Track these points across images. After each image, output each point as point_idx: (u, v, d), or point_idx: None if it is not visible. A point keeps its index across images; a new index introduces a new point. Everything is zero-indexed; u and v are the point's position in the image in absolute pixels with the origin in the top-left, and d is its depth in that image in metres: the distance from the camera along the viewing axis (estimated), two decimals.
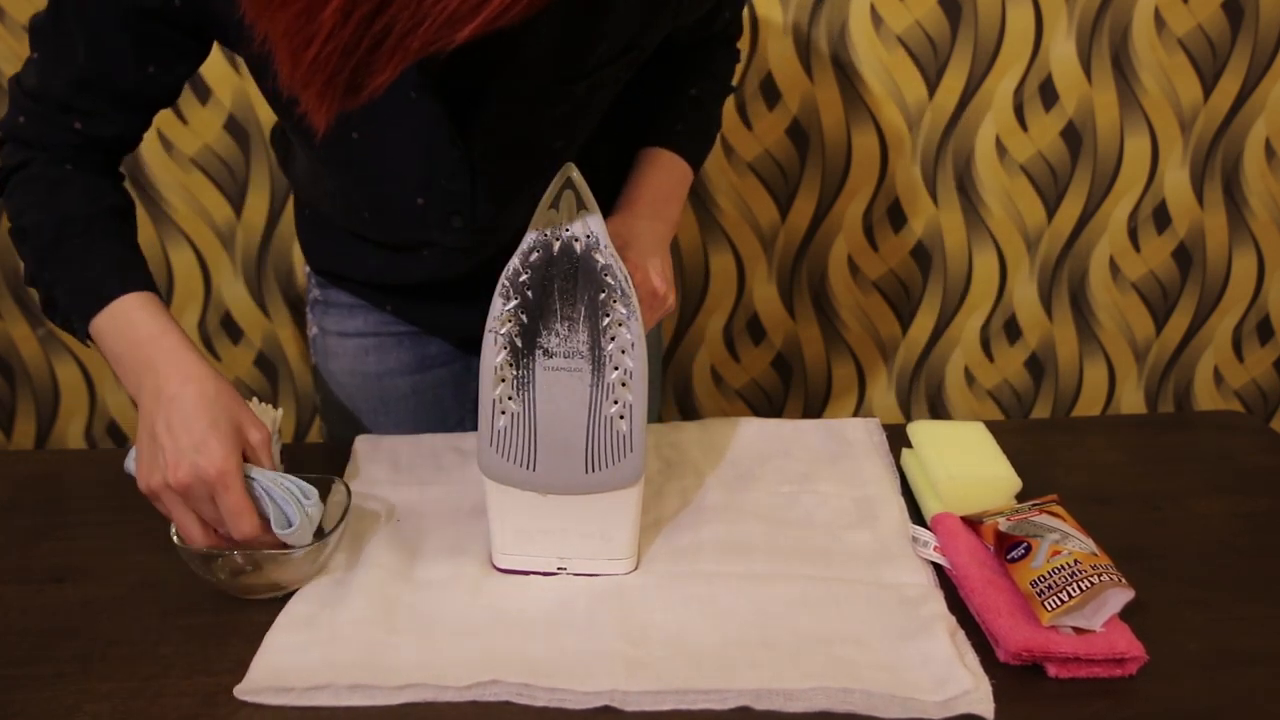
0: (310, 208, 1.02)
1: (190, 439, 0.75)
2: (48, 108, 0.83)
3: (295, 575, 0.82)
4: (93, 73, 0.81)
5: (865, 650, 0.75)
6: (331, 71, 0.56)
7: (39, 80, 0.82)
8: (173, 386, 0.77)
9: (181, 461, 0.75)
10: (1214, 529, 0.93)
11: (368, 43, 0.54)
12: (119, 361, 0.80)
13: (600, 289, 0.76)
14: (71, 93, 0.82)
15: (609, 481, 0.80)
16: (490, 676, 0.72)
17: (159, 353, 0.79)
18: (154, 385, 0.78)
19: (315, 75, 0.57)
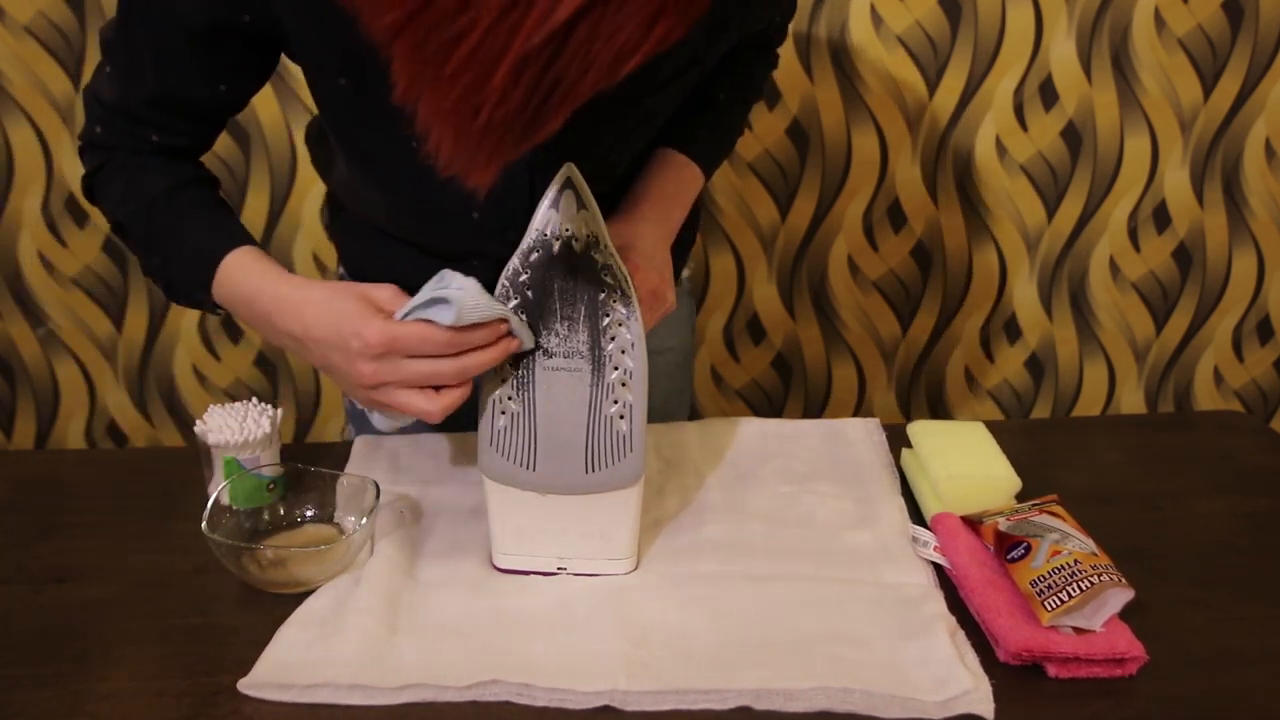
0: (350, 213, 1.01)
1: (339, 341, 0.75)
2: (124, 121, 0.83)
3: (320, 571, 0.82)
4: (163, 91, 0.81)
5: (865, 650, 0.75)
6: (501, 135, 0.55)
7: (112, 94, 0.83)
8: (297, 326, 0.78)
9: (352, 362, 0.75)
10: (1214, 529, 0.93)
11: (538, 98, 0.53)
12: (250, 322, 0.83)
13: (600, 289, 0.76)
14: (145, 109, 0.82)
15: (609, 481, 0.80)
16: (490, 676, 0.72)
17: (267, 304, 0.80)
18: (286, 332, 0.79)
19: (484, 142, 0.56)
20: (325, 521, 0.89)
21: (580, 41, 0.51)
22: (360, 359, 0.74)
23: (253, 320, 0.82)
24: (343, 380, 0.78)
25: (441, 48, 0.52)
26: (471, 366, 0.75)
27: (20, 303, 1.73)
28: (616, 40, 0.52)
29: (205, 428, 0.90)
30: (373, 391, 0.76)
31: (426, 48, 0.53)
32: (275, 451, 0.92)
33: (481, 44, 0.51)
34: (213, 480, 0.90)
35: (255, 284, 0.81)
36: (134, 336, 1.77)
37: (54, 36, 1.54)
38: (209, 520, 0.82)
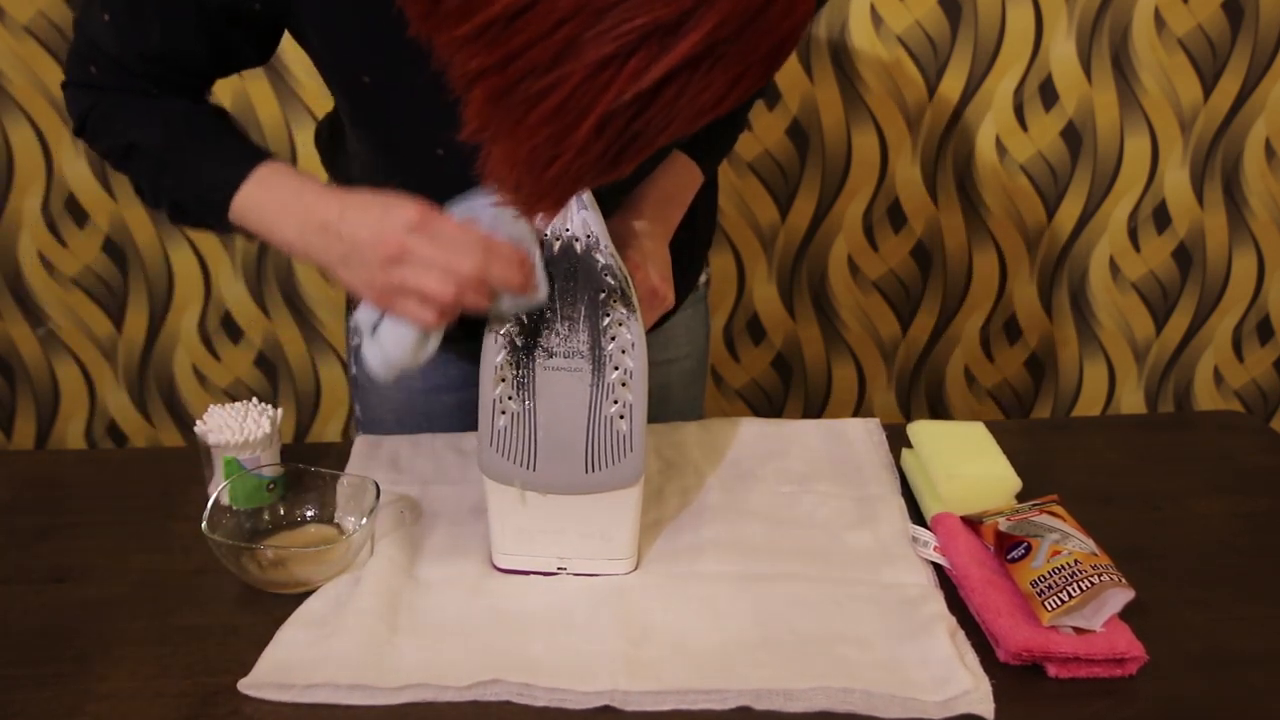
0: None
1: (375, 214, 0.73)
2: (122, 70, 0.81)
3: (321, 571, 0.82)
4: (167, 52, 0.79)
5: (865, 650, 0.75)
6: (574, 183, 0.55)
7: (111, 45, 0.80)
8: (334, 209, 0.75)
9: (383, 231, 0.71)
10: (1214, 529, 0.93)
11: (615, 149, 0.53)
12: (273, 226, 0.78)
13: (600, 289, 0.76)
14: (146, 65, 0.80)
15: (609, 481, 0.80)
16: (491, 676, 0.72)
17: (309, 198, 0.77)
18: (318, 222, 0.75)
19: (556, 188, 0.55)
20: (325, 521, 0.89)
21: (667, 100, 0.51)
22: (392, 229, 0.71)
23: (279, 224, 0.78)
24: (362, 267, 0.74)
25: (526, 100, 0.51)
26: (492, 273, 0.73)
27: (20, 303, 1.73)
28: (701, 99, 0.52)
29: (205, 428, 0.90)
30: (390, 270, 0.72)
31: (510, 97, 0.52)
32: (275, 451, 0.92)
33: (568, 99, 0.50)
34: (213, 480, 0.90)
35: (300, 182, 0.78)
36: (134, 336, 1.77)
37: (54, 36, 1.54)
38: (209, 520, 0.82)
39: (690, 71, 0.50)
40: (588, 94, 0.50)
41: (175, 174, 0.81)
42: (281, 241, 0.79)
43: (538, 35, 0.49)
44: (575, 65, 0.49)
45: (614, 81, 0.50)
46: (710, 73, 0.51)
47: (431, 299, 0.72)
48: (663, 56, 0.49)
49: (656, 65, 0.49)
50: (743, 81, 0.52)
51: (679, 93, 0.51)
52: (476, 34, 0.50)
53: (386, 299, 0.74)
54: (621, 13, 0.48)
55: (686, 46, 0.49)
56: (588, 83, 0.50)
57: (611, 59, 0.49)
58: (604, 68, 0.49)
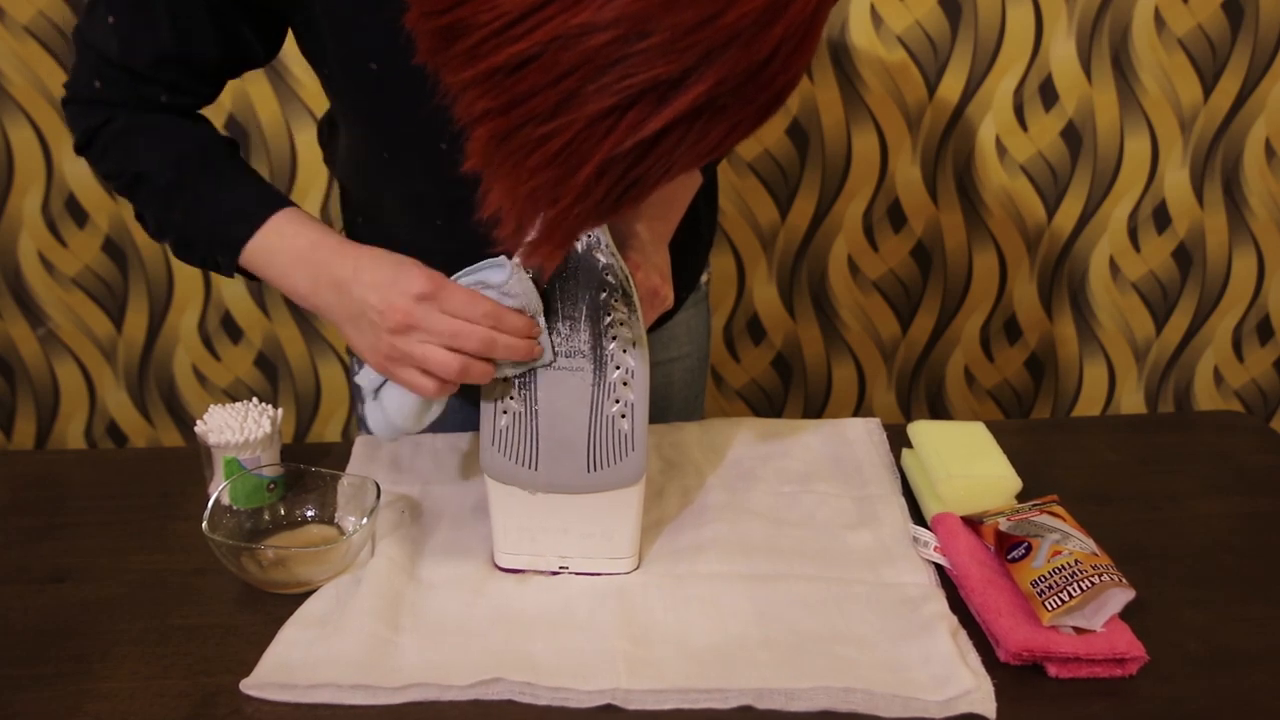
0: (365, 215, 0.99)
1: (386, 279, 0.73)
2: (130, 79, 0.80)
3: (321, 571, 0.82)
4: (176, 51, 0.78)
5: (867, 650, 0.75)
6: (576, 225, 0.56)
7: (120, 51, 0.78)
8: (348, 267, 0.75)
9: (392, 299, 0.72)
10: (1214, 529, 0.93)
11: (615, 193, 0.54)
12: (285, 276, 0.79)
13: (601, 288, 0.76)
14: (155, 69, 0.79)
15: (610, 480, 0.80)
16: (492, 675, 0.72)
17: (325, 253, 0.77)
18: (330, 279, 0.76)
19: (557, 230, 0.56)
20: (326, 522, 0.89)
21: (666, 149, 0.52)
22: (402, 298, 0.72)
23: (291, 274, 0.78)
24: (369, 330, 0.74)
25: (528, 144, 0.52)
26: (499, 344, 0.73)
27: (20, 303, 1.73)
28: (699, 147, 0.52)
29: (205, 428, 0.90)
30: (396, 339, 0.73)
31: (512, 140, 0.52)
32: (275, 451, 0.92)
33: (569, 145, 0.51)
34: (213, 480, 0.90)
35: (318, 235, 0.78)
36: (134, 336, 1.77)
37: (54, 36, 1.54)
38: (209, 520, 0.82)
39: (690, 122, 0.51)
40: (588, 141, 0.51)
41: (186, 211, 0.81)
42: (292, 291, 0.79)
43: (540, 85, 0.50)
44: (576, 115, 0.50)
45: (614, 131, 0.50)
46: (710, 123, 0.51)
47: (434, 371, 0.74)
48: (663, 109, 0.50)
49: (656, 117, 0.50)
50: (739, 128, 0.53)
51: (678, 142, 0.51)
52: (482, 79, 0.51)
53: (390, 366, 0.75)
54: (624, 69, 0.48)
55: (687, 100, 0.49)
56: (588, 131, 0.50)
57: (612, 110, 0.49)
58: (604, 118, 0.50)
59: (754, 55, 0.49)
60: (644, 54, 0.48)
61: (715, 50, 0.48)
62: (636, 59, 0.48)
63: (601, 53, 0.48)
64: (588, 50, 0.48)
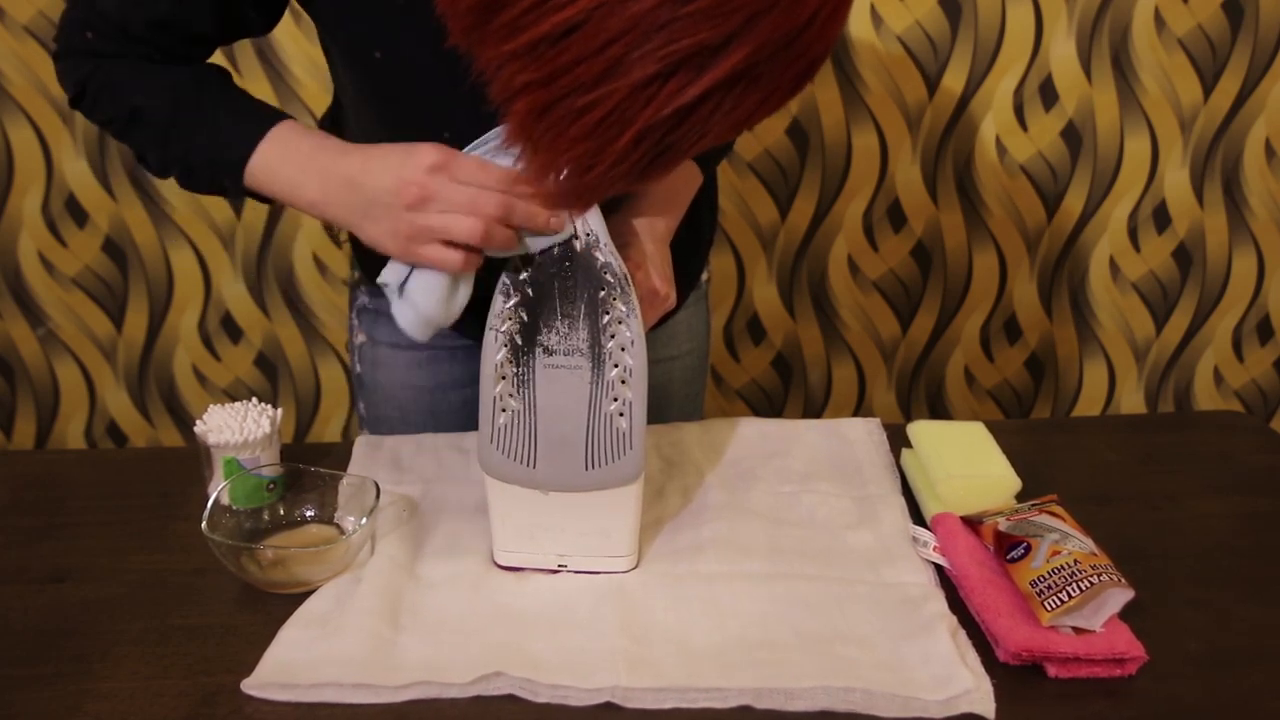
0: None
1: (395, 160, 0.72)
2: (124, 36, 0.79)
3: (321, 571, 0.82)
4: (172, 18, 0.78)
5: (866, 649, 0.75)
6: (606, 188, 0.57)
7: (117, 10, 0.78)
8: (354, 163, 0.74)
9: (403, 176, 0.71)
10: (1214, 529, 0.93)
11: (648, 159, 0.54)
12: (293, 184, 0.77)
13: (600, 287, 0.76)
14: (150, 31, 0.79)
15: (609, 479, 0.80)
16: (494, 670, 0.72)
17: (329, 155, 0.76)
18: (340, 177, 0.75)
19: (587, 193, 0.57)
20: (325, 521, 0.89)
21: (703, 116, 0.52)
22: (415, 172, 0.71)
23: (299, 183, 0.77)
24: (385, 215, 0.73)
25: (569, 114, 0.52)
26: (517, 208, 0.72)
27: (20, 303, 1.73)
28: (734, 115, 0.53)
29: (205, 428, 0.90)
30: (415, 216, 0.72)
31: (553, 112, 0.53)
32: (275, 451, 0.92)
33: (610, 114, 0.52)
34: (213, 480, 0.90)
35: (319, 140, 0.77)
36: (134, 336, 1.77)
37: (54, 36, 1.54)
38: (209, 520, 0.82)
39: (727, 90, 0.51)
40: (629, 110, 0.51)
41: (186, 137, 0.80)
42: (302, 200, 0.78)
43: (585, 54, 0.50)
44: (620, 83, 0.50)
45: (655, 98, 0.51)
46: (746, 91, 0.52)
47: (458, 240, 0.72)
48: (703, 76, 0.50)
49: (697, 84, 0.50)
50: (772, 99, 0.54)
51: (714, 109, 0.52)
52: (524, 51, 0.51)
53: (412, 246, 0.74)
54: (669, 34, 0.49)
55: (727, 66, 0.50)
56: (630, 99, 0.51)
57: (655, 78, 0.50)
58: (647, 86, 0.50)
59: (793, 20, 0.50)
60: (690, 18, 0.48)
61: (758, 14, 0.49)
62: (682, 23, 0.48)
63: (648, 18, 0.48)
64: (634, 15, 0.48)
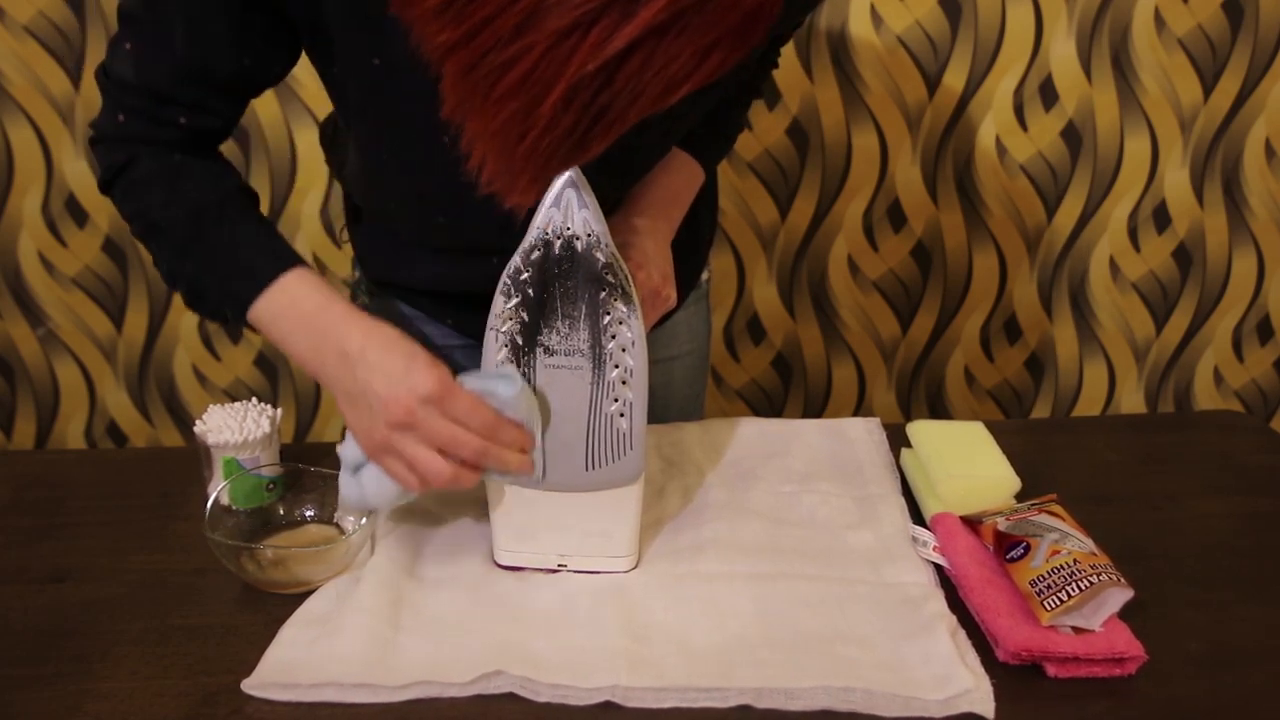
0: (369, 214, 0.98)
1: (395, 370, 0.73)
2: (150, 103, 0.80)
3: (321, 571, 0.82)
4: (193, 62, 0.78)
5: (866, 649, 0.75)
6: (546, 159, 0.56)
7: (137, 73, 0.79)
8: (356, 341, 0.75)
9: (397, 393, 0.72)
10: (1214, 529, 0.93)
11: (584, 124, 0.54)
12: (290, 339, 0.78)
13: (601, 287, 0.76)
14: (173, 85, 0.79)
15: (609, 479, 0.80)
16: (494, 668, 0.72)
17: (331, 319, 0.77)
18: (336, 348, 0.75)
19: (529, 165, 0.56)
20: (325, 522, 0.89)
21: (632, 71, 0.51)
22: (408, 395, 0.72)
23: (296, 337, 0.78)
24: (366, 414, 0.75)
25: (492, 71, 0.52)
26: (493, 456, 0.74)
27: (20, 303, 1.73)
28: (669, 71, 0.52)
29: (205, 428, 0.90)
30: (392, 434, 0.73)
31: (477, 71, 0.53)
32: (275, 451, 0.92)
33: (533, 70, 0.51)
34: (213, 480, 0.90)
35: (325, 299, 0.78)
36: (134, 336, 1.77)
37: (54, 36, 1.54)
38: (209, 520, 0.82)
39: (655, 40, 0.50)
40: (552, 64, 0.51)
41: (198, 264, 0.81)
42: (295, 355, 0.79)
43: (500, 7, 0.50)
44: (538, 35, 0.50)
45: (577, 51, 0.50)
46: (676, 42, 0.51)
47: (422, 473, 0.74)
48: (625, 25, 0.50)
49: (619, 34, 0.50)
50: (713, 54, 0.53)
51: (644, 63, 0.51)
52: (443, 8, 0.51)
53: (380, 454, 0.76)
54: None
55: (649, 15, 0.49)
56: (551, 53, 0.50)
57: (574, 28, 0.49)
58: (566, 37, 0.50)
59: None
60: None
61: None
62: None
63: None
64: None
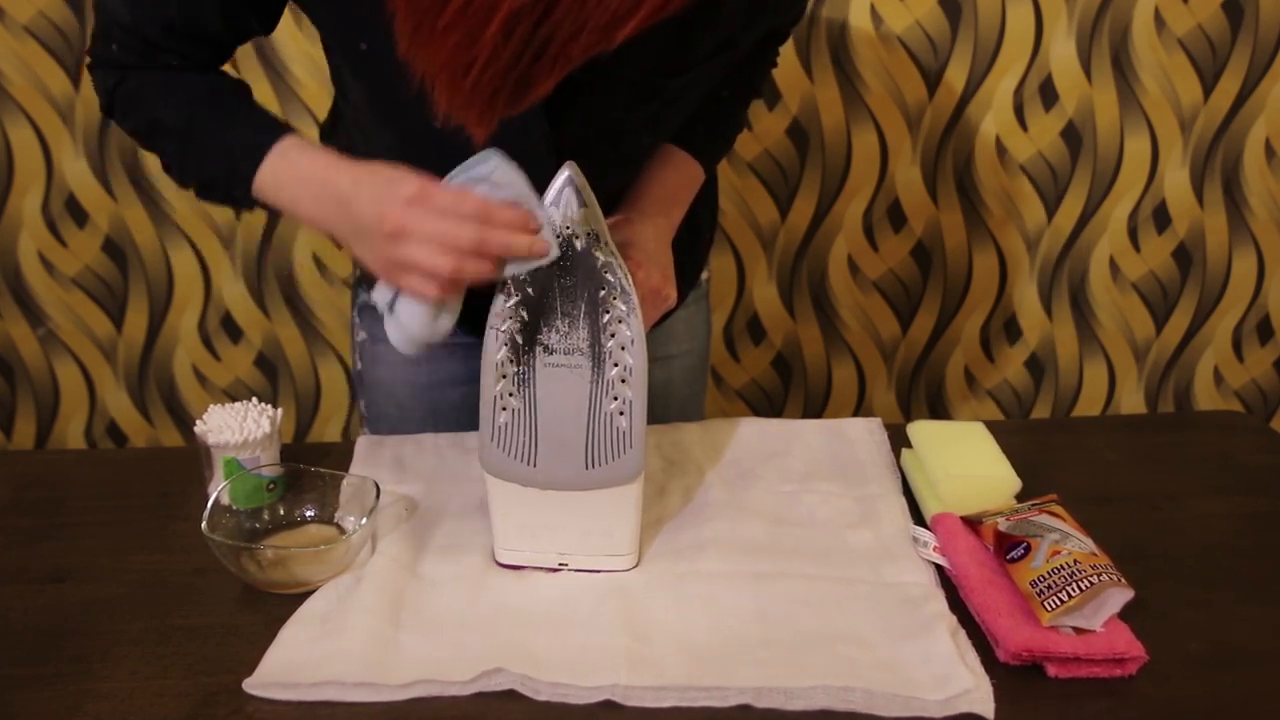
0: None
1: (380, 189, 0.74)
2: (142, 44, 0.82)
3: (321, 571, 0.82)
4: (184, 20, 0.81)
5: (866, 649, 0.75)
6: (493, 91, 0.57)
7: (131, 20, 0.81)
8: (346, 183, 0.76)
9: (383, 207, 0.72)
10: (1214, 529, 0.93)
11: (529, 55, 0.55)
12: (297, 201, 0.80)
13: (600, 286, 0.76)
14: (165, 37, 0.82)
15: (609, 478, 0.80)
16: (494, 666, 0.72)
17: (326, 171, 0.78)
18: (334, 196, 0.77)
19: (476, 98, 0.57)
20: (326, 522, 0.89)
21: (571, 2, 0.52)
22: (393, 205, 0.72)
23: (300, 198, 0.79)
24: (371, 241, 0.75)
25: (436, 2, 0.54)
26: (491, 241, 0.72)
27: (20, 303, 1.73)
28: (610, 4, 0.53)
29: (205, 428, 0.90)
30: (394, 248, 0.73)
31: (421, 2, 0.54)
32: (275, 451, 0.92)
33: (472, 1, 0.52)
34: (213, 480, 0.90)
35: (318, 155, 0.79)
36: (134, 336, 1.77)
37: (54, 36, 1.54)
38: (209, 520, 0.82)
39: None
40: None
41: (201, 149, 0.83)
42: (302, 215, 0.80)
43: None
44: None
45: None
46: None
47: (431, 274, 0.73)
48: None
49: None
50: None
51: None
52: None
53: (392, 274, 0.76)
54: None
55: None
56: None
57: None
58: None
59: None
60: None
61: None
62: None
63: None
64: None
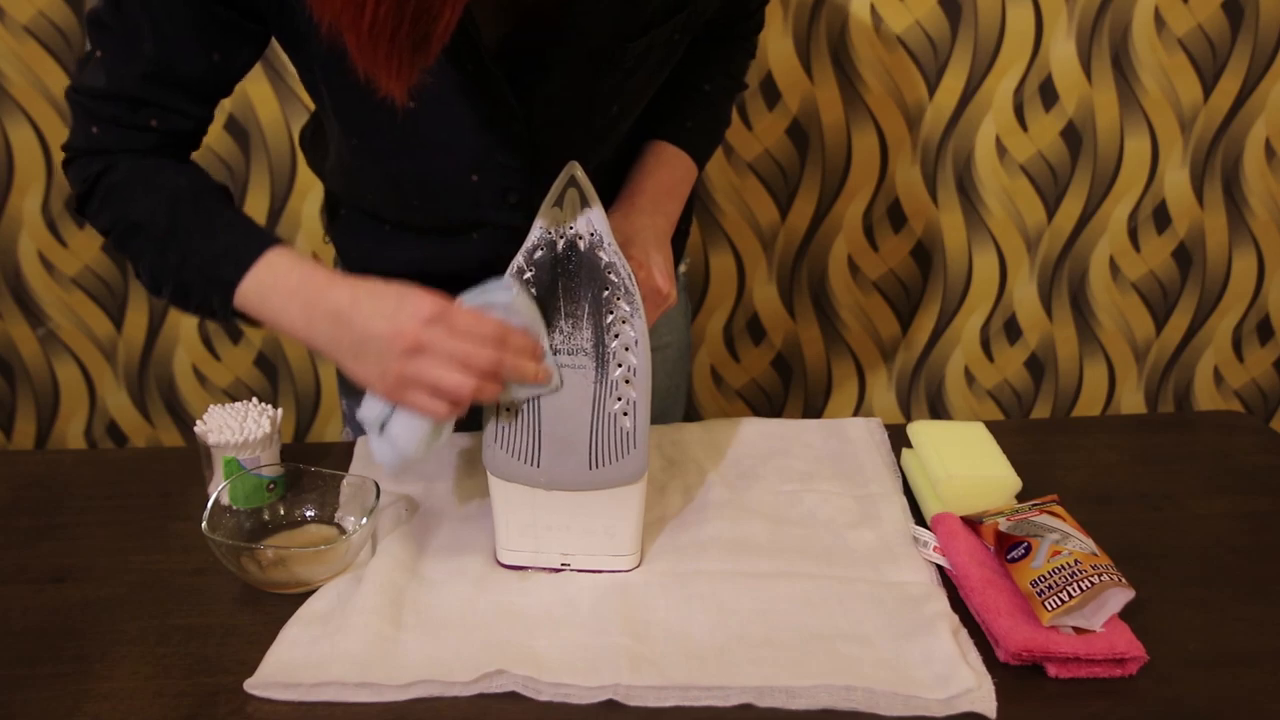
0: (349, 206, 0.99)
1: (391, 306, 0.73)
2: (121, 109, 0.80)
3: (321, 571, 0.82)
4: (161, 63, 0.78)
5: (868, 648, 0.75)
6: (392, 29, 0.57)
7: (108, 79, 0.79)
8: (345, 298, 0.75)
9: (400, 324, 0.72)
10: (1214, 529, 0.93)
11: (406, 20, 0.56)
12: (281, 314, 0.78)
13: (604, 286, 0.76)
14: (143, 87, 0.79)
15: (612, 478, 0.80)
16: (495, 667, 0.72)
17: (317, 285, 0.76)
18: (328, 311, 0.75)
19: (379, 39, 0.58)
20: (326, 522, 0.89)
21: None
22: (411, 321, 0.72)
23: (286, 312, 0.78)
24: (374, 359, 0.74)
25: None
26: (507, 364, 0.74)
27: (20, 303, 1.73)
28: None
29: (205, 428, 0.90)
30: (406, 364, 0.73)
31: None
32: (275, 451, 0.92)
33: None
34: (213, 480, 0.90)
35: (309, 269, 0.78)
36: (134, 336, 1.77)
37: (54, 36, 1.54)
38: (209, 520, 0.82)
39: None
40: None
41: (180, 255, 0.80)
42: (289, 328, 0.78)
43: None
44: None
45: None
46: None
47: (446, 393, 0.73)
48: None
49: None
50: None
51: None
52: None
53: (399, 392, 0.75)
54: None
55: None
56: None
57: None
58: None
59: None
60: None
61: None
62: None
63: None
64: None
